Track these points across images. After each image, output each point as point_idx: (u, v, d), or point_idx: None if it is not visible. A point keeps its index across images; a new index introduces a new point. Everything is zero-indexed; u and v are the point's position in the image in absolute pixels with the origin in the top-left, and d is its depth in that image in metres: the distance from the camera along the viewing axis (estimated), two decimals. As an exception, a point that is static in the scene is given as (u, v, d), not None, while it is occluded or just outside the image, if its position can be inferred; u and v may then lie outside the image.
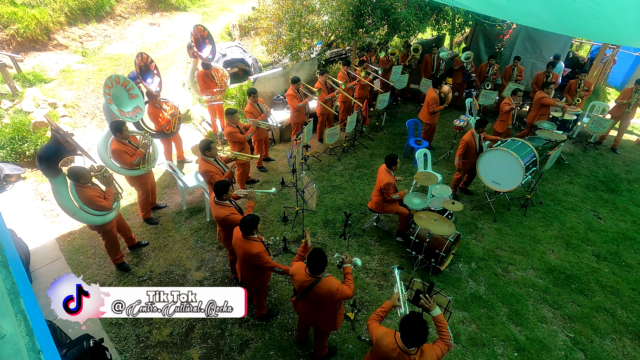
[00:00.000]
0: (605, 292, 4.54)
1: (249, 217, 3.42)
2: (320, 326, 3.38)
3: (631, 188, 6.49)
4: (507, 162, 5.18)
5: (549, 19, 2.76)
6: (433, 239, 4.50)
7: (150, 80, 5.73)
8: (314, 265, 2.98)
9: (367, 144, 7.61)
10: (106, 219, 4.20)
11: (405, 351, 2.50)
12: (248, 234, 3.43)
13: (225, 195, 3.81)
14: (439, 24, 9.13)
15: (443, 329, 2.77)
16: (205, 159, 4.54)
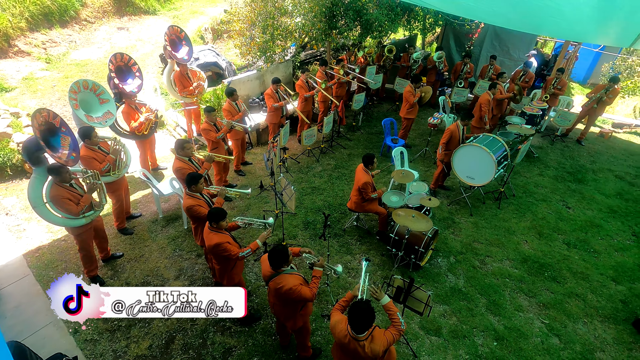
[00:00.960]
0: (576, 278, 4.73)
1: (215, 209, 3.48)
2: (282, 320, 3.38)
3: (596, 178, 6.80)
4: (480, 157, 5.32)
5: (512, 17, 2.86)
6: (412, 235, 4.57)
7: (131, 81, 5.63)
8: (272, 260, 3.04)
9: (344, 144, 7.65)
10: (70, 223, 4.04)
11: (354, 337, 2.58)
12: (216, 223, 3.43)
13: (195, 187, 3.82)
14: (410, 24, 9.31)
15: (393, 316, 2.85)
16: (179, 158, 4.50)
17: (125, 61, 5.64)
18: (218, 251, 3.44)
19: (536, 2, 2.25)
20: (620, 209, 5.98)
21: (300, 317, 3.32)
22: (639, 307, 4.37)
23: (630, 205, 6.08)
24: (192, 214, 3.88)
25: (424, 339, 3.99)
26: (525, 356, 3.83)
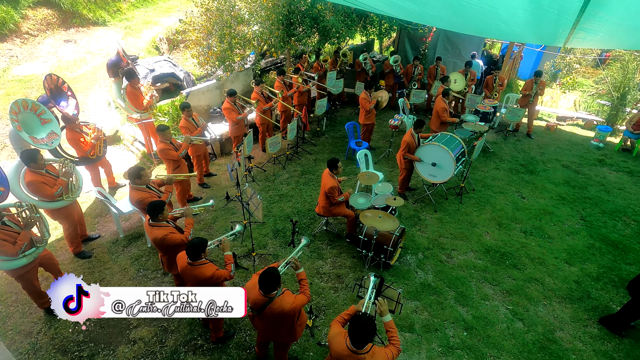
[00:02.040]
0: (534, 264, 5.02)
1: (196, 241, 3.20)
2: (280, 339, 3.30)
3: (546, 168, 7.29)
4: (440, 155, 5.54)
5: (456, 21, 3.02)
6: (380, 235, 4.65)
7: (65, 104, 5.26)
8: (264, 285, 2.89)
9: (310, 150, 7.68)
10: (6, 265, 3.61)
11: (354, 351, 2.51)
12: (195, 259, 3.22)
13: (161, 215, 3.59)
14: (366, 30, 9.55)
15: (393, 334, 2.84)
16: (136, 188, 4.19)
17: (55, 82, 5.23)
18: (212, 283, 3.23)
19: (476, 7, 2.38)
20: (568, 195, 6.43)
21: (298, 328, 3.27)
22: (590, 286, 4.70)
23: (577, 191, 6.56)
24: (166, 245, 3.59)
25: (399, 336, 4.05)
26: (493, 342, 4.00)
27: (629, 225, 5.78)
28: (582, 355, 3.90)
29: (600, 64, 12.90)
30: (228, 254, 3.50)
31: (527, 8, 2.09)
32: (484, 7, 2.33)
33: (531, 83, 7.97)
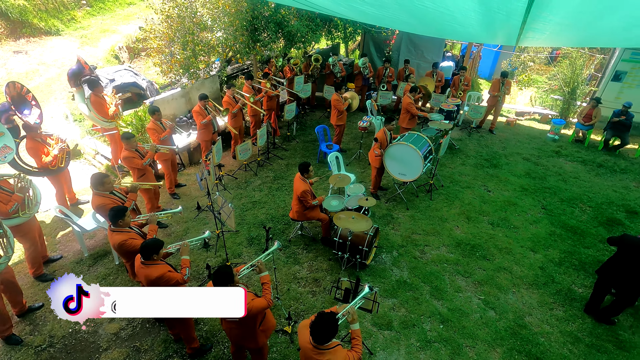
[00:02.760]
0: (502, 254, 5.23)
1: (150, 241, 3.22)
2: (245, 343, 3.23)
3: (508, 161, 7.64)
4: (409, 154, 5.67)
5: (414, 23, 3.11)
6: (355, 236, 4.69)
7: (28, 112, 5.02)
8: (216, 283, 2.89)
9: (281, 155, 7.65)
10: None
11: (315, 346, 2.57)
12: (147, 259, 3.18)
13: (122, 221, 3.54)
14: (331, 34, 9.66)
15: (357, 342, 2.87)
16: (98, 194, 4.08)
17: (19, 90, 5.04)
18: (161, 284, 3.19)
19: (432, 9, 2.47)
20: (529, 186, 6.77)
21: (261, 334, 3.21)
22: (554, 271, 4.96)
23: (537, 182, 6.92)
24: (125, 250, 3.56)
25: (378, 335, 4.10)
26: (468, 332, 4.13)
27: (585, 211, 6.16)
28: (550, 337, 4.10)
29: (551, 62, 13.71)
30: (185, 258, 3.48)
31: (478, 10, 2.19)
32: (439, 9, 2.41)
33: (498, 83, 8.32)
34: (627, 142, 7.91)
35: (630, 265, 3.87)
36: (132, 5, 12.25)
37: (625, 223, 5.86)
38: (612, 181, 7.04)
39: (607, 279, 4.11)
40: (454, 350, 3.95)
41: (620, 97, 8.82)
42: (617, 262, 4.00)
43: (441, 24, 2.91)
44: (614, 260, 4.04)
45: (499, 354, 3.93)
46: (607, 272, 4.10)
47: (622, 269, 3.94)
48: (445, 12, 2.43)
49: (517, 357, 3.89)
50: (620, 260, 3.97)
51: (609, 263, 4.10)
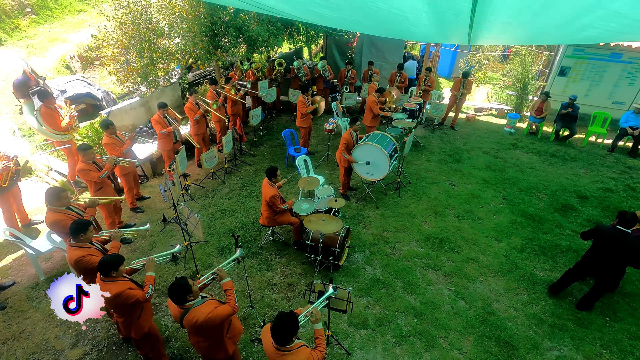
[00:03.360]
0: (469, 245, 5.43)
1: (108, 257, 3.07)
2: (212, 355, 3.12)
3: (470, 156, 7.96)
4: (374, 153, 5.77)
5: (370, 24, 3.17)
6: (326, 238, 4.70)
7: None
8: (173, 297, 2.81)
9: (249, 161, 7.54)
10: None
11: (277, 348, 2.56)
12: (106, 275, 3.03)
13: (83, 235, 3.36)
14: (293, 38, 9.67)
15: (321, 342, 2.87)
16: (54, 210, 3.82)
17: None
18: (120, 302, 3.04)
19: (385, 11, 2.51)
20: (491, 178, 7.08)
21: (229, 341, 3.11)
22: (517, 258, 5.21)
23: (497, 174, 7.25)
24: (83, 266, 3.36)
25: (354, 335, 4.11)
26: (441, 324, 4.24)
27: (542, 199, 6.53)
28: (516, 321, 4.29)
29: (504, 59, 14.49)
30: (150, 274, 3.34)
31: (428, 10, 2.25)
32: (391, 10, 2.46)
33: (459, 83, 8.64)
34: (575, 132, 8.47)
35: (607, 255, 3.92)
36: (83, 13, 11.68)
37: (577, 207, 6.26)
38: (564, 169, 7.51)
39: (585, 270, 4.21)
40: (428, 342, 4.04)
41: (567, 91, 9.45)
42: (594, 253, 4.06)
43: (396, 25, 2.98)
44: (592, 252, 4.09)
45: (471, 341, 4.06)
46: (586, 264, 4.18)
47: (600, 260, 4.00)
48: (397, 13, 2.48)
49: (487, 343, 4.03)
50: (597, 251, 4.02)
51: (588, 256, 4.15)
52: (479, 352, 3.94)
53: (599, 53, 9.08)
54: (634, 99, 9.13)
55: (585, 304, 4.38)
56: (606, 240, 3.93)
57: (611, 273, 4.06)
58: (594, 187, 6.88)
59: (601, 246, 3.99)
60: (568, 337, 4.10)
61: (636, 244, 3.76)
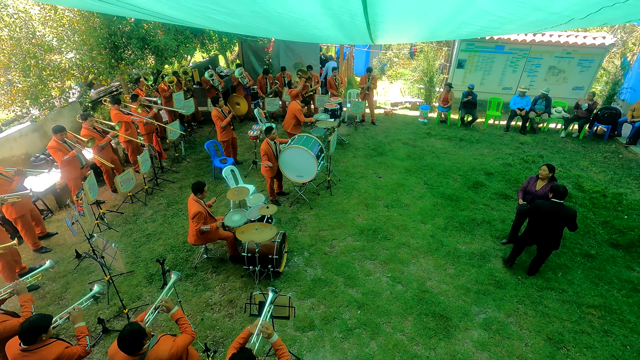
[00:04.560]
0: (399, 231, 5.76)
1: (32, 319, 2.60)
2: None
3: (392, 148, 8.47)
4: (301, 156, 5.82)
5: (275, 29, 3.18)
6: (262, 246, 4.61)
7: None
8: (126, 348, 2.51)
9: (172, 178, 7.09)
10: None
11: None
12: (33, 342, 2.58)
13: None
14: (205, 46, 9.34)
15: (283, 351, 2.82)
16: None
17: None
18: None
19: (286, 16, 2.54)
20: (412, 167, 7.62)
21: None
22: (442, 236, 5.66)
23: (417, 162, 7.82)
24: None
25: (302, 339, 4.10)
26: (383, 310, 4.43)
27: (456, 180, 7.20)
28: (448, 294, 4.67)
29: (411, 56, 15.73)
30: (80, 325, 2.94)
31: (325, 13, 2.33)
32: (292, 15, 2.49)
33: (365, 78, 9.15)
34: (476, 117, 9.52)
35: (548, 225, 4.39)
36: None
37: (486, 183, 7.03)
38: (472, 151, 8.39)
39: (530, 241, 4.69)
40: (373, 330, 4.19)
41: (465, 81, 10.59)
42: (536, 226, 4.49)
43: (299, 29, 3.03)
44: (534, 225, 4.51)
45: (411, 321, 4.31)
46: (530, 236, 4.61)
47: (542, 230, 4.45)
48: (297, 17, 2.53)
49: (425, 320, 4.32)
50: (539, 223, 4.47)
51: (530, 230, 4.57)
52: (419, 329, 4.20)
53: (486, 46, 10.33)
54: (517, 84, 10.57)
55: (533, 269, 4.91)
56: (546, 213, 4.42)
57: (553, 238, 4.55)
58: (496, 163, 7.80)
59: (542, 219, 4.46)
60: (490, 300, 4.58)
61: (569, 211, 4.32)
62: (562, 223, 4.36)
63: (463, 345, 4.03)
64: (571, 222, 4.31)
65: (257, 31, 3.46)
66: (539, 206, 4.45)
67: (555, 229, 4.42)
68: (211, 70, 8.64)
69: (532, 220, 4.57)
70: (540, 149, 8.50)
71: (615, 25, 11.39)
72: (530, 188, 4.99)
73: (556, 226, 4.40)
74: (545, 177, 4.87)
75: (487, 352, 3.95)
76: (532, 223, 4.59)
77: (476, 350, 3.97)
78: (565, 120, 9.17)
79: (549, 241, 4.55)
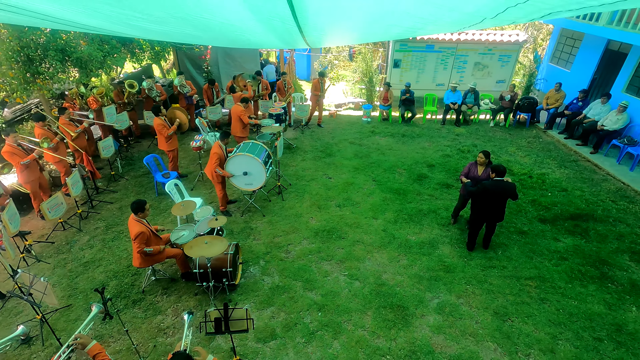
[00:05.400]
0: (352, 229, 5.87)
1: None
2: None
3: (339, 148, 8.62)
4: (248, 163, 5.70)
5: (205, 36, 3.08)
6: (214, 260, 4.43)
7: None
8: None
9: (110, 199, 6.57)
10: None
11: None
12: None
13: None
14: (137, 56, 8.80)
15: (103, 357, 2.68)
16: None
17: None
18: None
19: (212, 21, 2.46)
20: (360, 165, 7.82)
21: None
22: (393, 229, 5.86)
23: (364, 160, 8.05)
24: None
25: (264, 349, 4.00)
26: (343, 309, 4.47)
27: (402, 174, 7.52)
28: (402, 283, 4.84)
29: (351, 58, 16.17)
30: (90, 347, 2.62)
31: (254, 18, 2.29)
32: (220, 21, 2.43)
33: (318, 83, 9.20)
34: (415, 113, 10.03)
35: (495, 201, 4.88)
36: None
37: (429, 175, 7.43)
38: (414, 145, 8.82)
39: (482, 220, 5.11)
40: (335, 330, 4.22)
41: (402, 79, 11.12)
42: (484, 205, 4.95)
43: (232, 35, 2.96)
44: (482, 205, 4.96)
45: (370, 316, 4.40)
46: (480, 216, 5.06)
47: (490, 207, 4.94)
48: (226, 23, 2.46)
49: (384, 312, 4.43)
50: (487, 204, 4.92)
51: (479, 210, 5.02)
52: (379, 322, 4.31)
53: (418, 46, 10.95)
54: (449, 80, 11.34)
55: (487, 243, 5.40)
56: (493, 191, 4.85)
57: (500, 212, 5.05)
58: (437, 155, 8.28)
59: (490, 197, 4.87)
60: (442, 285, 4.83)
61: (510, 185, 4.80)
62: (506, 196, 4.87)
63: (421, 331, 4.20)
64: (513, 193, 4.83)
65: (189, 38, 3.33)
66: (486, 186, 4.87)
67: (501, 203, 4.94)
68: (150, 80, 8.16)
69: (482, 201, 4.98)
70: (473, 139, 9.18)
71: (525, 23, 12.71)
72: (472, 174, 5.38)
73: (502, 200, 4.92)
74: (483, 163, 5.30)
75: (442, 335, 4.16)
76: (481, 204, 5.01)
77: (433, 334, 4.16)
78: (492, 111, 10.01)
79: (497, 216, 5.05)
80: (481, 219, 5.13)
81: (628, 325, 4.27)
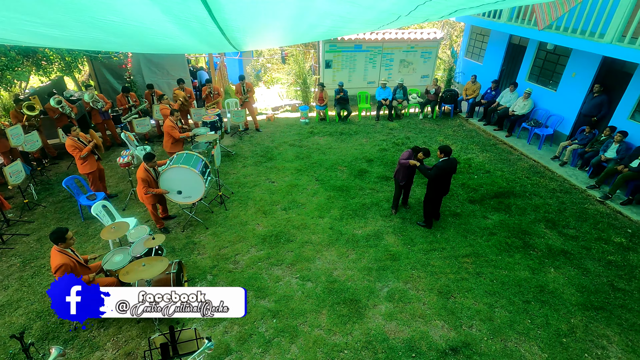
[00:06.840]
0: (300, 231, 5.86)
1: None
2: None
3: (280, 152, 8.56)
4: (184, 175, 5.41)
5: (119, 41, 2.85)
6: (155, 283, 4.13)
7: None
8: None
9: (25, 230, 5.81)
10: None
11: None
12: None
13: None
14: (44, 68, 7.89)
15: None
16: None
17: None
18: None
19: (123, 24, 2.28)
20: (302, 166, 7.84)
21: None
22: (339, 226, 5.96)
23: (305, 161, 8.08)
24: None
25: (219, 368, 3.82)
26: (298, 311, 4.44)
27: (343, 171, 7.70)
28: (354, 278, 4.95)
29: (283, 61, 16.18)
30: None
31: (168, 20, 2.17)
32: (132, 24, 2.26)
33: (240, 87, 9.03)
34: (350, 111, 10.33)
35: (447, 179, 5.53)
36: None
37: (369, 170, 7.70)
38: (352, 143, 9.08)
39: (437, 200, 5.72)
40: (292, 334, 4.17)
41: (335, 79, 11.38)
42: (441, 183, 5.47)
43: (148, 39, 2.77)
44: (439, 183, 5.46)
45: (325, 314, 4.42)
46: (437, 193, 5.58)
47: (445, 183, 5.54)
48: (140, 26, 2.30)
49: (338, 309, 4.49)
50: (442, 180, 5.46)
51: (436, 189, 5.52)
52: (334, 319, 4.35)
53: (347, 46, 11.30)
54: (378, 78, 11.87)
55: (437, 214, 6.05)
56: (446, 170, 5.37)
57: (448, 186, 5.67)
58: (374, 150, 8.61)
59: (445, 176, 5.44)
60: (390, 273, 5.03)
61: (455, 161, 5.46)
62: (453, 172, 5.52)
63: (374, 321, 4.33)
64: (456, 168, 5.54)
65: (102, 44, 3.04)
66: (441, 166, 5.37)
67: (449, 179, 5.61)
68: (58, 96, 7.34)
69: (440, 180, 5.47)
70: (406, 132, 9.71)
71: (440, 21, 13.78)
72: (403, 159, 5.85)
73: (450, 176, 5.58)
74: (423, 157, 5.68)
75: (395, 321, 4.32)
76: (439, 183, 5.50)
77: (386, 322, 4.31)
78: (420, 104, 10.68)
79: (446, 191, 5.68)
80: (439, 196, 5.69)
81: (549, 285, 4.82)
